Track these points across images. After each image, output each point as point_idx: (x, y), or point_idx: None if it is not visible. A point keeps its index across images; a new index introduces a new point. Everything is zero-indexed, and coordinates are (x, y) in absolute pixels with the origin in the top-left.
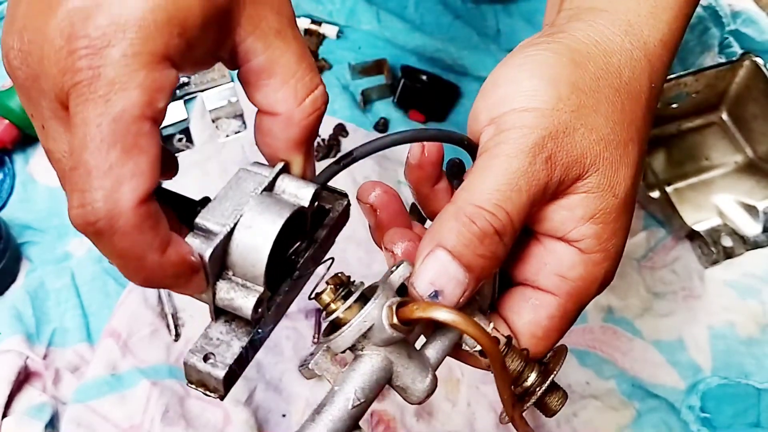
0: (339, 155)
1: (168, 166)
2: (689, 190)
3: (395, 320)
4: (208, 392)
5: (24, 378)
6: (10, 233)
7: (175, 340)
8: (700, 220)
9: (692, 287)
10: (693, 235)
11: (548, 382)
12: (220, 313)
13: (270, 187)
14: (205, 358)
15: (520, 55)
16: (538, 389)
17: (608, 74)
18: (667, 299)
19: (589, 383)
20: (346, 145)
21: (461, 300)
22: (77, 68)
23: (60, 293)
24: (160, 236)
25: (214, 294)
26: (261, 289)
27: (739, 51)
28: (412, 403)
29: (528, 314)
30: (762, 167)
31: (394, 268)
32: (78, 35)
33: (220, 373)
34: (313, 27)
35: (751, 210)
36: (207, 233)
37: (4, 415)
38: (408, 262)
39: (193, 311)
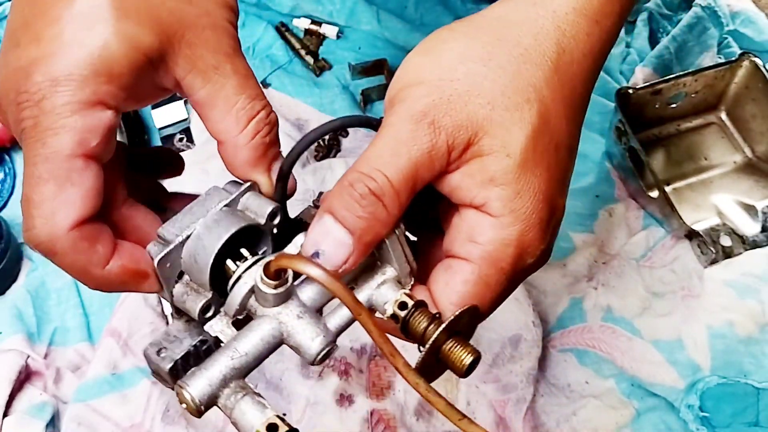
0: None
1: (174, 165)
2: (688, 189)
3: (263, 275)
4: (162, 382)
5: (25, 377)
6: (11, 233)
7: None
8: (699, 220)
9: (691, 287)
10: (692, 235)
11: (442, 327)
12: (181, 312)
13: (233, 203)
14: (158, 352)
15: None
16: (432, 335)
17: (503, 43)
18: (666, 299)
19: (588, 382)
20: (346, 145)
21: (348, 263)
22: (21, 117)
23: (61, 292)
24: (99, 253)
25: (171, 295)
26: (209, 294)
27: (738, 51)
28: (308, 363)
29: (444, 281)
30: (761, 167)
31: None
32: (21, 90)
33: (166, 365)
34: (313, 27)
35: (749, 209)
36: (165, 242)
37: (5, 415)
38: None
39: None
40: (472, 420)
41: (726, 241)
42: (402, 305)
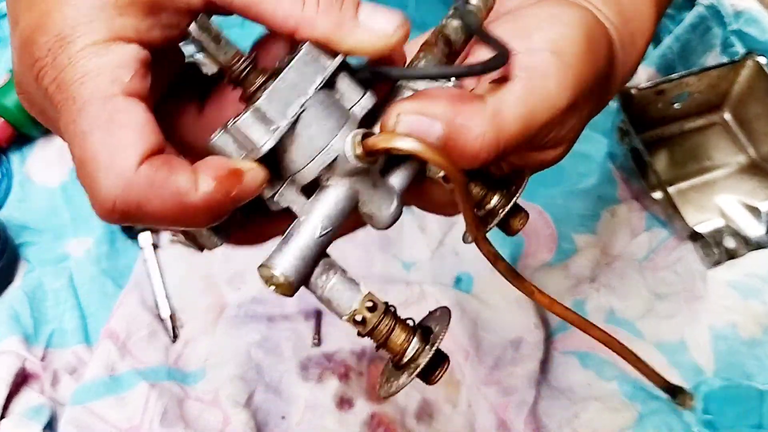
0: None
1: None
2: (691, 190)
3: (360, 151)
4: (194, 244)
5: (22, 379)
6: (8, 234)
7: (173, 342)
8: (703, 221)
9: (694, 288)
10: (695, 236)
11: (511, 203)
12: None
13: (330, 84)
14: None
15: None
16: (501, 210)
17: (603, 71)
18: (669, 300)
19: (590, 385)
20: None
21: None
22: (45, 89)
23: (58, 294)
24: (184, 178)
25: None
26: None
27: (742, 51)
28: (378, 229)
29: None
30: (765, 168)
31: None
32: (33, 62)
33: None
34: None
35: (753, 211)
36: (265, 119)
37: (2, 417)
38: (372, 93)
39: (193, 312)
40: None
41: (729, 242)
42: None
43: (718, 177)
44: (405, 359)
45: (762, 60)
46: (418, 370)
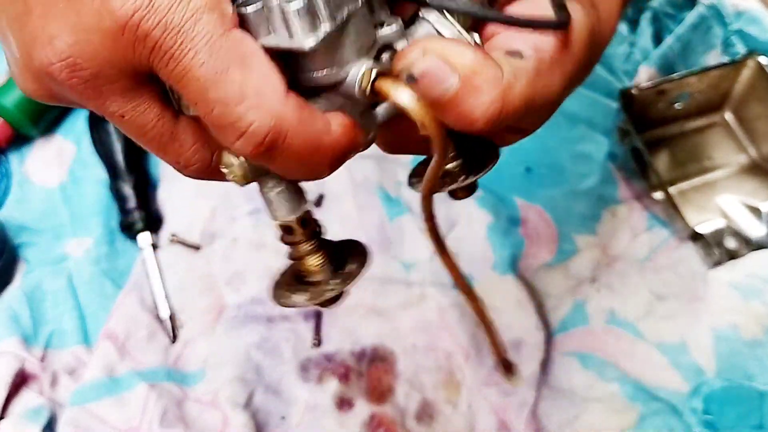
0: None
1: None
2: (692, 191)
3: (366, 86)
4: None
5: (21, 380)
6: (7, 234)
7: (173, 342)
8: (704, 221)
9: (695, 289)
10: (696, 237)
11: (478, 177)
12: None
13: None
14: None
15: None
16: (462, 179)
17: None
18: (669, 301)
19: (591, 386)
20: None
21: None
22: (143, 35)
23: (57, 295)
24: (320, 117)
25: None
26: None
27: (743, 51)
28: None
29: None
30: (766, 168)
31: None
32: (123, 14)
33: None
34: None
35: (754, 211)
36: (313, 16)
37: (1, 418)
38: (400, 24)
39: (192, 312)
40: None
41: (730, 242)
42: None
43: (719, 177)
44: (312, 281)
45: (763, 60)
46: (320, 299)
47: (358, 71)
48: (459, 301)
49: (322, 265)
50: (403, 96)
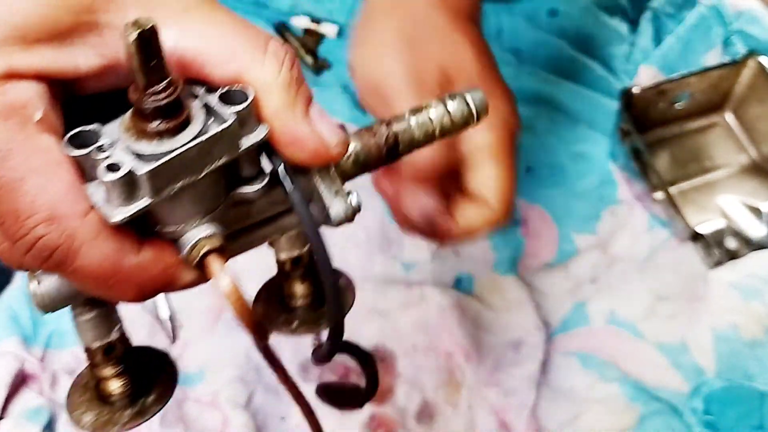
0: None
1: None
2: (693, 191)
3: (195, 260)
4: None
5: (21, 380)
6: None
7: (173, 343)
8: (704, 221)
9: (695, 289)
10: (696, 237)
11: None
12: None
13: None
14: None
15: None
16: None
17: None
18: (670, 301)
19: (591, 386)
20: None
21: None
22: None
23: None
24: (127, 240)
25: None
26: None
27: (743, 50)
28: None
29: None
30: (766, 168)
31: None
32: None
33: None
34: (313, 25)
35: (755, 211)
36: (134, 187)
37: (1, 418)
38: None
39: (191, 312)
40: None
41: (731, 242)
42: None
43: (719, 177)
44: (109, 401)
45: (764, 60)
46: (108, 430)
47: (193, 238)
48: (459, 301)
49: (121, 393)
50: (222, 282)
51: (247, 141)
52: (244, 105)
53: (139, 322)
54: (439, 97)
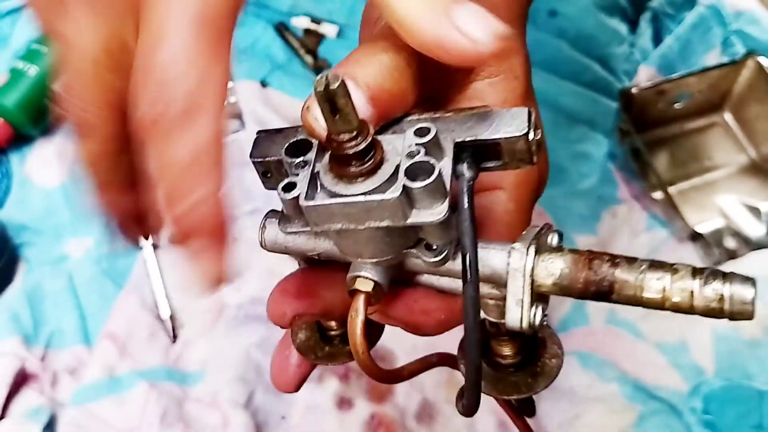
0: None
1: None
2: (692, 191)
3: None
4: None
5: (21, 380)
6: (7, 234)
7: (173, 342)
8: (703, 221)
9: None
10: (695, 236)
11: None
12: None
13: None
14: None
15: None
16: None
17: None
18: None
19: (591, 386)
20: None
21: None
22: None
23: (57, 295)
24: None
25: None
26: None
27: (743, 51)
28: None
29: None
30: (765, 168)
31: None
32: None
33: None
34: (313, 26)
35: (754, 211)
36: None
37: (2, 417)
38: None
39: (192, 312)
40: None
41: (730, 242)
42: None
43: (718, 177)
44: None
45: (762, 60)
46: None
47: (353, 271)
48: None
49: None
50: (353, 324)
51: (417, 217)
52: (424, 183)
53: (139, 322)
54: (696, 269)
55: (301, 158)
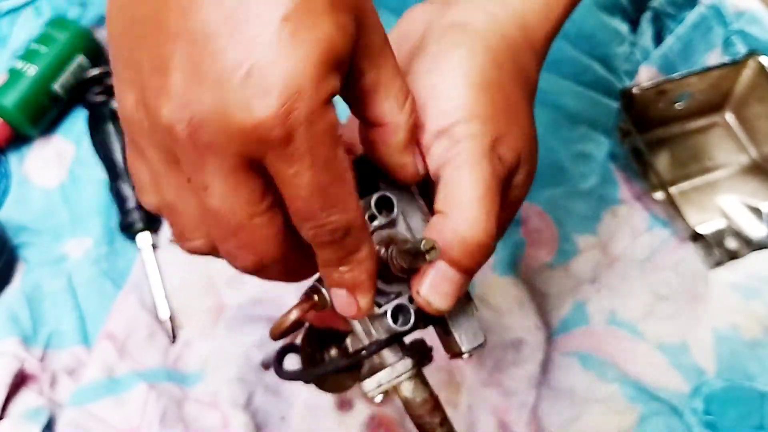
0: None
1: None
2: (693, 191)
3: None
4: None
5: (20, 381)
6: (6, 235)
7: (172, 343)
8: (704, 222)
9: (696, 289)
10: (696, 237)
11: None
12: None
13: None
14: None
15: (442, 58)
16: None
17: (519, 74)
18: (670, 301)
19: (591, 386)
20: None
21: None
22: (269, 134)
23: (56, 295)
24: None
25: None
26: None
27: (744, 50)
28: None
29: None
30: (767, 168)
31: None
32: (260, 110)
33: None
34: None
35: (755, 211)
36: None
37: (1, 418)
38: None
39: (192, 313)
40: None
41: (731, 243)
42: None
43: (719, 177)
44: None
45: (764, 60)
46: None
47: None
48: None
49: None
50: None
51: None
52: (403, 329)
53: (138, 322)
54: None
55: (377, 222)
